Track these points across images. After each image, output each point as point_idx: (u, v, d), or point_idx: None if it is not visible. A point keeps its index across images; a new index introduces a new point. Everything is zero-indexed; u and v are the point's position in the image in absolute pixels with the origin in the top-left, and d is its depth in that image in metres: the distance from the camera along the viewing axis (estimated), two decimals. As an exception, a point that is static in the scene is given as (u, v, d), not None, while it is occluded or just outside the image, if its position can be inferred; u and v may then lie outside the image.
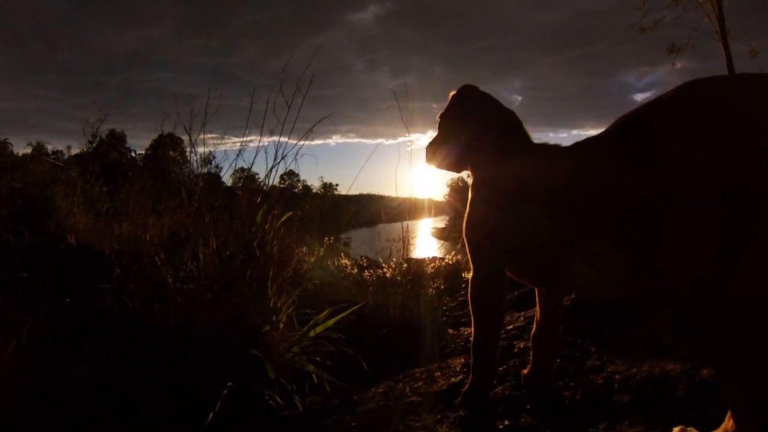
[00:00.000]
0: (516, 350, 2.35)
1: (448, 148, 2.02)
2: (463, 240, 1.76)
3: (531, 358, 1.90)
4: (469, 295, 1.77)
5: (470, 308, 1.77)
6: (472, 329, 1.76)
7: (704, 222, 0.98)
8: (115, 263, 2.86)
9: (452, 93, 2.04)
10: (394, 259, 4.30)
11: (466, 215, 1.80)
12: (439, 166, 2.11)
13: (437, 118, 2.10)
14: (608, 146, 1.32)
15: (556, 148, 1.69)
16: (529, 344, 1.91)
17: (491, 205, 1.72)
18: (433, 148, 2.10)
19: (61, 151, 45.91)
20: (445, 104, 2.09)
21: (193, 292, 2.16)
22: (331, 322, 2.18)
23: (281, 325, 2.14)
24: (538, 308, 1.87)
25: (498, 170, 1.75)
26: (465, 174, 2.06)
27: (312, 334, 2.11)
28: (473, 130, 1.93)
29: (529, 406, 1.72)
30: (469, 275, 1.78)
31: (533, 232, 1.55)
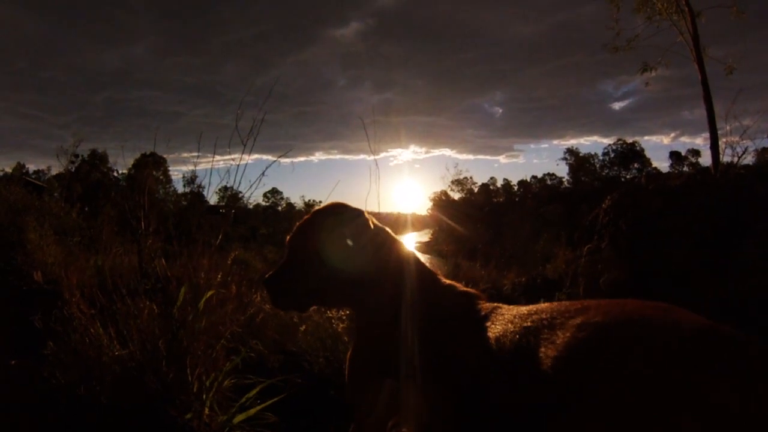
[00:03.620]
0: None
1: (318, 282, 1.50)
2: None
3: None
4: None
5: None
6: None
7: None
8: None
9: (316, 209, 1.62)
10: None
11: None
12: (300, 308, 1.63)
13: (286, 243, 1.59)
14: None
15: (466, 302, 1.35)
16: None
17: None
18: (285, 283, 1.54)
19: (43, 171, 45.60)
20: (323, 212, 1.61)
21: (121, 374, 2.11)
22: (250, 412, 2.10)
23: (206, 410, 2.09)
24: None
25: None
26: (448, 188, 1.83)
27: (237, 420, 2.05)
28: (357, 262, 1.45)
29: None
30: None
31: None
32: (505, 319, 1.12)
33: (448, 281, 1.45)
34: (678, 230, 4.44)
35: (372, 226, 1.49)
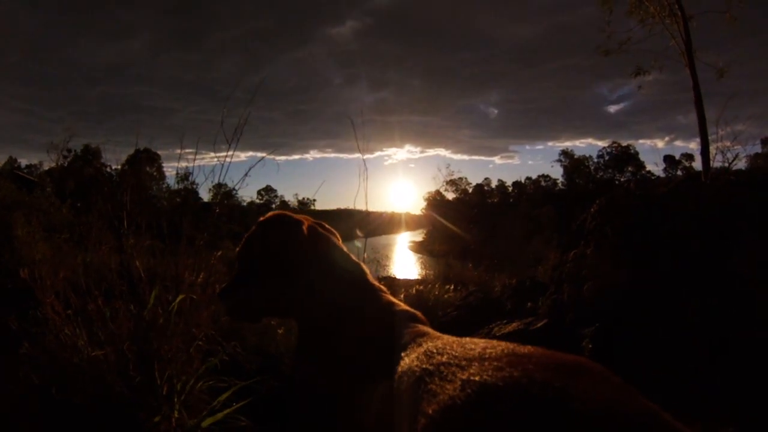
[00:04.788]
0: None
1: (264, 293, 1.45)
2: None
3: None
4: None
5: None
6: None
7: None
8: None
9: (260, 219, 1.53)
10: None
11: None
12: (251, 319, 1.55)
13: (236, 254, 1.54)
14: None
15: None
16: None
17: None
18: (234, 295, 1.49)
19: (36, 166, 45.48)
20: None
21: (93, 376, 2.10)
22: (217, 416, 2.09)
23: (176, 414, 2.08)
24: None
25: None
26: (442, 188, 1.78)
27: (205, 423, 2.04)
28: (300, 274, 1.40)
29: None
30: None
31: None
32: (417, 354, 0.98)
33: (389, 298, 1.34)
34: (664, 239, 4.41)
35: (308, 236, 1.43)
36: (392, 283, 9.71)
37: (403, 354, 1.00)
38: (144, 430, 1.91)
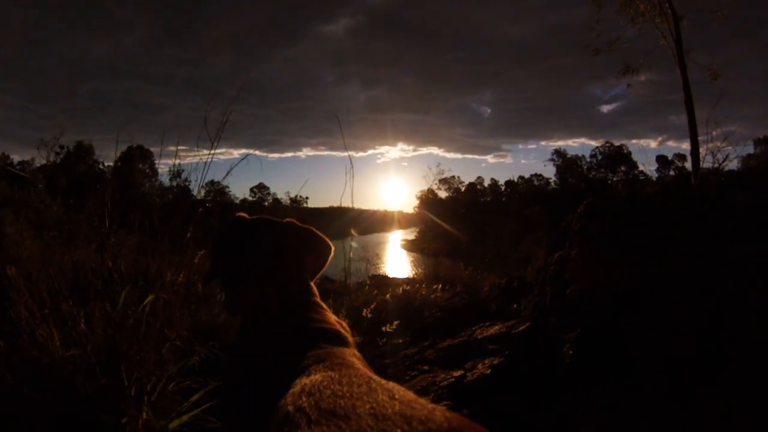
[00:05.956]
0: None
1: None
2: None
3: None
4: None
5: None
6: None
7: None
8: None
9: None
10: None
11: None
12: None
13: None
14: None
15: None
16: None
17: None
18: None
19: (28, 162, 45.28)
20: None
21: (63, 376, 2.09)
22: (183, 419, 2.08)
23: (144, 415, 2.07)
24: None
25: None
26: (435, 187, 1.73)
27: (173, 425, 2.03)
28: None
29: None
30: None
31: None
32: (298, 387, 0.85)
33: (318, 311, 1.24)
34: (650, 243, 4.36)
35: (258, 235, 1.39)
36: (382, 281, 9.72)
37: (295, 380, 0.88)
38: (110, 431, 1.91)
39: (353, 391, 0.74)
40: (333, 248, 1.49)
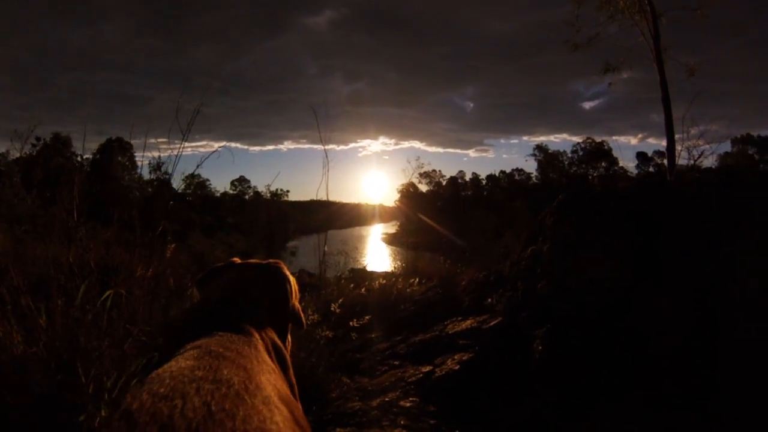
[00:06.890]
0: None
1: None
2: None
3: None
4: None
5: None
6: None
7: None
8: None
9: None
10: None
11: None
12: None
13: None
14: None
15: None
16: None
17: None
18: None
19: (3, 154, 44.42)
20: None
21: (21, 374, 2.07)
22: None
23: (102, 412, 2.05)
24: None
25: None
26: (416, 179, 1.75)
27: None
28: None
29: None
30: None
31: None
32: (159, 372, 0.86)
33: (252, 320, 1.22)
34: (621, 240, 4.34)
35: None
36: (360, 275, 9.72)
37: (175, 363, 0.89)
38: (68, 429, 1.89)
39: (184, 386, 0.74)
40: (289, 279, 1.57)
